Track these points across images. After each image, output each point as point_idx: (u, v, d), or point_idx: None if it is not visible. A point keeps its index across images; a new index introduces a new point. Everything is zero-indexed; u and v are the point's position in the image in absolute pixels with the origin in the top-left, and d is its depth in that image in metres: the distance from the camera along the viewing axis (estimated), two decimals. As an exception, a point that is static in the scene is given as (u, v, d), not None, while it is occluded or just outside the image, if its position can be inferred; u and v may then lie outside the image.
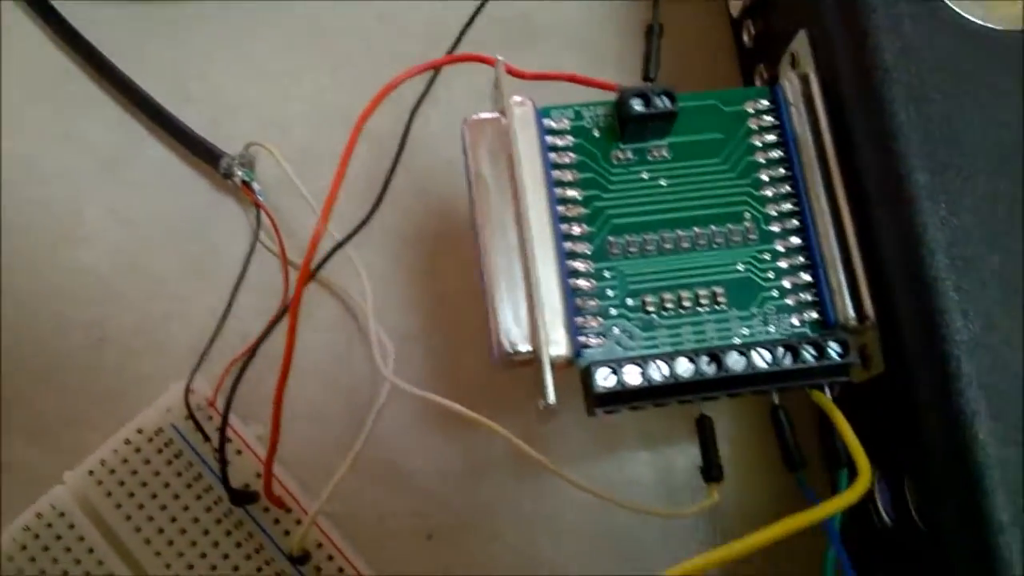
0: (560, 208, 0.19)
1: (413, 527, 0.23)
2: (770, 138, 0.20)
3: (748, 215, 0.20)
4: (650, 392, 0.18)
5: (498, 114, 0.19)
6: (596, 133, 0.20)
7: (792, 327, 0.19)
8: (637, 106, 0.19)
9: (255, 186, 0.24)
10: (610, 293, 0.19)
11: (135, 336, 0.24)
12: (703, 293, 0.19)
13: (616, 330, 0.19)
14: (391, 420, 0.24)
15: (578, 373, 0.19)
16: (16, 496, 0.23)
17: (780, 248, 0.19)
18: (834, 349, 0.18)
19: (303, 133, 0.26)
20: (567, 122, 0.20)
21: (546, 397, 0.18)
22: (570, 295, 0.19)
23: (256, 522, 0.22)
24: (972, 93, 0.18)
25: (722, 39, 0.27)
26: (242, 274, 0.24)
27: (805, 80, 0.20)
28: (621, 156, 0.20)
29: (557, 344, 0.18)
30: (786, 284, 0.19)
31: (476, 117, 0.19)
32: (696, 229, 0.20)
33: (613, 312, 0.19)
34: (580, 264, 0.19)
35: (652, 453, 0.24)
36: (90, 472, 0.22)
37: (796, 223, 0.20)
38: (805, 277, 0.19)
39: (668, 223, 0.20)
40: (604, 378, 0.18)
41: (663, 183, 0.20)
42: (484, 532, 0.23)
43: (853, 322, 0.19)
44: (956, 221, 0.17)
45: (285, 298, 0.24)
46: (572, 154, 0.20)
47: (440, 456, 0.24)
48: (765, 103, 0.20)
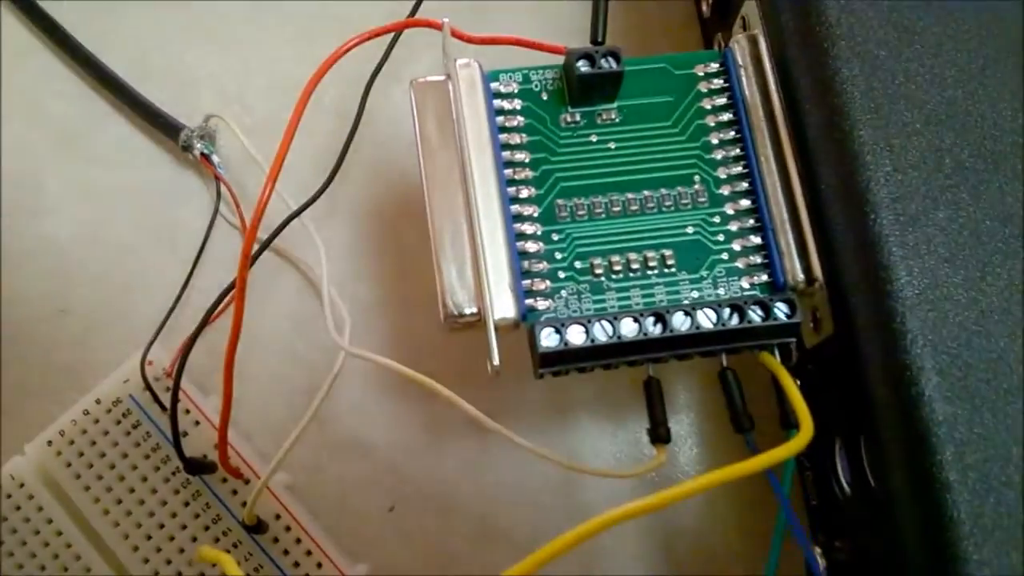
0: (508, 171, 0.19)
1: (375, 498, 0.23)
2: (720, 101, 0.20)
3: (698, 178, 0.20)
4: (595, 352, 0.18)
5: (445, 77, 0.19)
6: (544, 96, 0.20)
7: (742, 290, 0.19)
8: (583, 67, 0.19)
9: (215, 159, 0.24)
10: (558, 256, 0.19)
11: (97, 308, 0.24)
12: (652, 256, 0.19)
13: (564, 293, 0.19)
14: (352, 392, 0.24)
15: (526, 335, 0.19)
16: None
17: (730, 211, 0.19)
18: (781, 309, 0.18)
19: (265, 106, 0.26)
20: (515, 85, 0.20)
21: (491, 358, 0.18)
22: (516, 258, 0.19)
23: (213, 492, 0.22)
24: (916, 49, 0.18)
25: (687, 12, 0.27)
26: (202, 247, 0.24)
27: (753, 41, 0.20)
28: (570, 119, 0.20)
29: (503, 306, 0.18)
30: (736, 247, 0.19)
31: (423, 80, 0.19)
32: (646, 192, 0.19)
33: (561, 275, 0.19)
34: (528, 227, 0.19)
35: (616, 425, 0.24)
36: (49, 443, 0.22)
37: (746, 186, 0.19)
38: (755, 240, 0.19)
39: (617, 186, 0.19)
40: (547, 337, 0.18)
41: (612, 146, 0.20)
42: (445, 503, 0.23)
43: (802, 284, 0.18)
44: (901, 177, 0.17)
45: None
46: (520, 117, 0.20)
47: (402, 427, 0.24)
48: (715, 66, 0.20)
